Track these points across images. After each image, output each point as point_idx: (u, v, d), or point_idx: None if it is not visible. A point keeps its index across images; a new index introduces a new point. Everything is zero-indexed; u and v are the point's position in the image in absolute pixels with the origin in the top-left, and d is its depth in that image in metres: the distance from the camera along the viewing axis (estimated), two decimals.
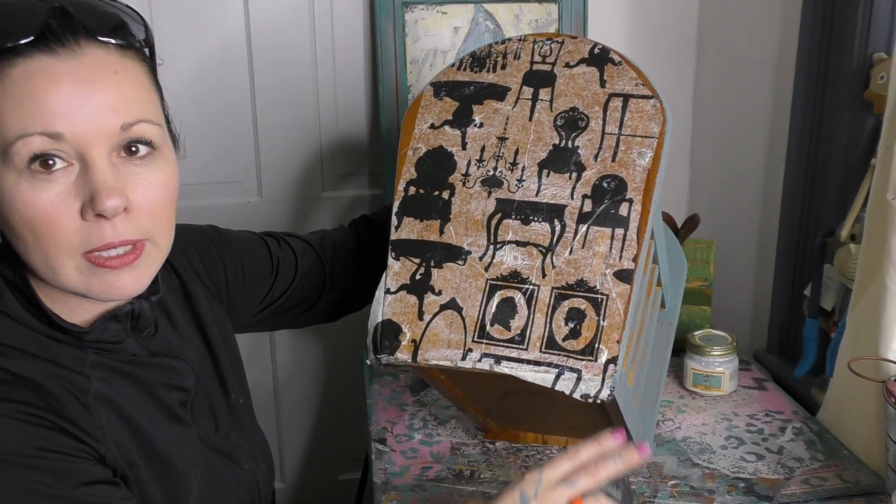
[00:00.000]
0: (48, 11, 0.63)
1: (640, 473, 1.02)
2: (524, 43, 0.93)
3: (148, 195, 0.67)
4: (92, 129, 0.63)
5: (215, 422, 0.83)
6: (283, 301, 1.02)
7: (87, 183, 0.63)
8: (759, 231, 1.46)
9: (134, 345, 0.75)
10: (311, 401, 1.73)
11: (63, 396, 0.67)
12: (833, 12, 1.16)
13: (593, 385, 0.80)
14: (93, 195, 0.63)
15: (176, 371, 0.78)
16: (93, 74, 0.64)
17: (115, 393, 0.71)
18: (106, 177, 0.64)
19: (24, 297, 0.69)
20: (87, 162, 0.64)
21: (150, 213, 0.68)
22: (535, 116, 0.90)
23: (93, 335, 0.71)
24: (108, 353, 0.72)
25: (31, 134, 0.62)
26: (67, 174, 0.64)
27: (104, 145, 0.64)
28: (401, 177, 0.91)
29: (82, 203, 0.64)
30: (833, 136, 1.19)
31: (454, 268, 0.87)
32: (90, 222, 0.64)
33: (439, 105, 0.93)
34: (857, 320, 1.03)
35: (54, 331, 0.69)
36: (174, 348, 0.80)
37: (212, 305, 0.91)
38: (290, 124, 1.55)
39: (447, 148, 0.91)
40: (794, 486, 0.99)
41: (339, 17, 1.52)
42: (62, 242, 0.64)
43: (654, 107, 0.86)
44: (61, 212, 0.63)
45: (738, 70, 1.48)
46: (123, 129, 0.65)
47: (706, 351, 1.20)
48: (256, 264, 0.98)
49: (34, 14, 0.63)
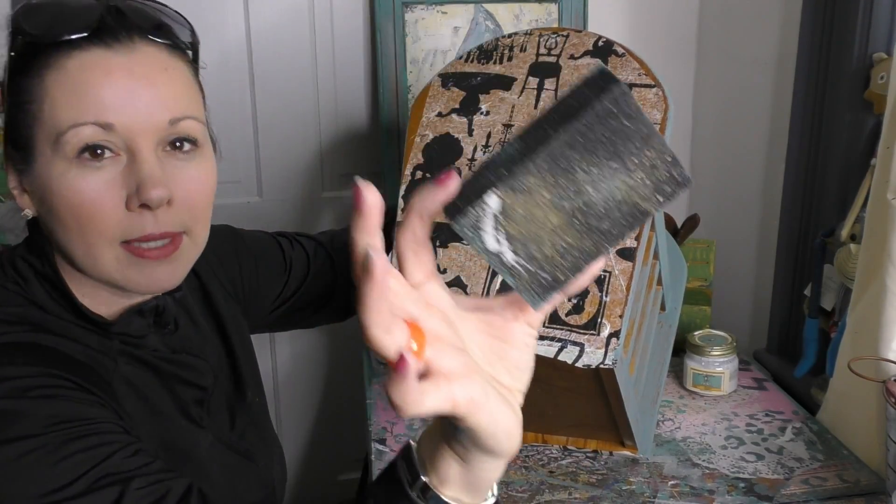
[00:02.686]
0: (103, 9, 0.66)
1: (640, 473, 1.02)
2: (530, 36, 0.95)
3: (189, 189, 0.69)
4: (142, 121, 0.65)
5: (231, 420, 0.83)
6: (296, 301, 1.02)
7: (134, 173, 0.65)
8: (759, 231, 1.45)
9: (156, 340, 0.75)
10: (311, 401, 1.73)
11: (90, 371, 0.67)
12: (833, 12, 1.16)
13: (595, 357, 0.81)
14: (139, 185, 0.65)
15: (195, 369, 0.78)
16: (145, 70, 0.66)
17: (138, 379, 0.72)
18: (153, 168, 0.66)
19: (52, 287, 0.70)
20: (135, 153, 0.65)
21: (191, 208, 0.69)
22: (540, 105, 0.91)
23: (118, 327, 0.71)
24: (131, 347, 0.73)
25: (83, 123, 0.64)
26: (115, 164, 0.65)
27: (152, 138, 0.66)
28: (408, 162, 0.93)
29: (128, 193, 0.65)
30: (833, 136, 1.19)
31: (459, 247, 0.88)
32: (133, 213, 0.66)
33: (447, 95, 0.95)
34: (857, 320, 1.03)
35: (81, 320, 0.70)
36: (194, 346, 0.80)
37: (230, 305, 0.91)
38: (290, 124, 1.55)
39: (454, 134, 0.93)
40: (794, 486, 0.98)
41: (339, 17, 1.52)
42: (105, 231, 0.66)
43: (656, 95, 0.88)
44: (107, 200, 0.65)
45: (738, 70, 1.48)
46: (171, 124, 0.67)
47: (706, 351, 1.20)
48: (270, 264, 0.99)
49: (90, 10, 0.66)
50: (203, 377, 0.79)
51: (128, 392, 0.70)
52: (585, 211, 0.42)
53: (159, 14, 0.71)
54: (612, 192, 0.42)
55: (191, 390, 0.77)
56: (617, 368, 0.82)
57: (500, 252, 0.42)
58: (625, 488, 0.99)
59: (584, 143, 0.41)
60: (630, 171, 0.42)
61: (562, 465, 1.04)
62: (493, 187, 0.41)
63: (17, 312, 0.68)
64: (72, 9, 0.66)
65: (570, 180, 0.41)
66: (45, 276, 0.70)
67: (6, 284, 0.70)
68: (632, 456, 1.05)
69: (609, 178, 0.42)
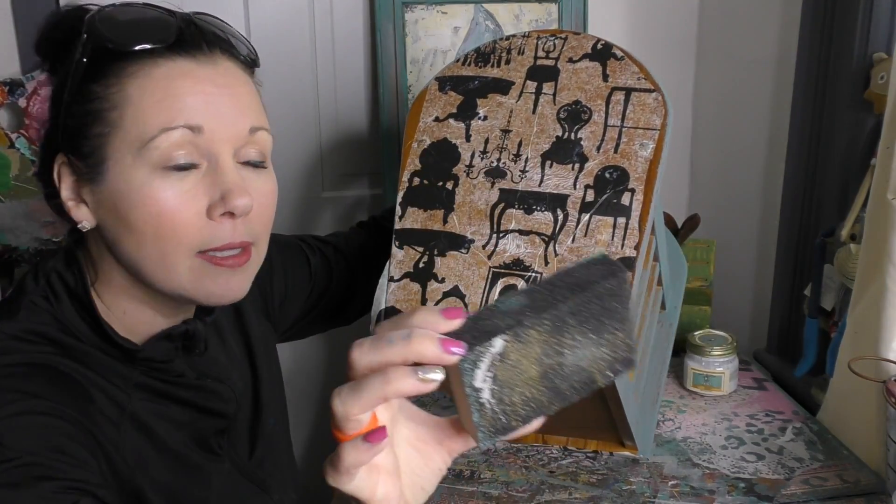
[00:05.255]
0: (181, 21, 0.67)
1: (641, 473, 1.02)
2: (528, 39, 0.94)
3: (262, 201, 0.69)
4: (227, 127, 0.66)
5: (251, 448, 0.82)
6: (317, 311, 1.02)
7: (217, 182, 0.66)
8: (759, 231, 1.45)
9: (182, 364, 0.74)
10: (311, 401, 1.73)
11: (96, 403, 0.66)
12: (833, 12, 1.16)
13: None
14: (225, 193, 0.65)
15: (219, 396, 0.77)
16: (228, 81, 0.68)
17: (150, 415, 0.70)
18: (237, 177, 0.66)
19: (81, 306, 0.69)
20: (217, 161, 0.66)
21: (261, 219, 0.70)
22: (538, 109, 0.90)
23: (144, 353, 0.70)
24: (155, 372, 0.71)
25: (174, 127, 0.64)
26: (196, 173, 0.66)
27: (231, 146, 0.67)
28: (405, 168, 0.92)
29: (210, 202, 0.65)
30: (833, 136, 1.19)
31: (457, 256, 0.87)
32: (214, 221, 0.66)
33: (444, 99, 0.94)
34: (857, 320, 1.03)
35: (105, 343, 0.69)
36: (221, 370, 0.79)
37: (260, 322, 0.90)
38: (290, 124, 1.55)
39: (451, 140, 0.92)
40: (795, 487, 0.98)
41: (339, 17, 1.52)
42: (183, 240, 0.65)
43: (655, 100, 0.87)
44: (189, 208, 0.65)
45: (738, 70, 1.48)
46: (251, 132, 0.68)
47: (706, 351, 1.20)
48: (297, 274, 0.98)
49: (168, 22, 0.67)
50: (227, 404, 0.78)
51: (135, 430, 0.69)
52: (557, 370, 0.47)
53: (230, 31, 0.72)
54: (582, 359, 0.47)
55: (212, 419, 0.76)
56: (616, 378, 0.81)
57: (481, 389, 0.45)
58: (625, 488, 0.98)
59: (583, 313, 0.46)
60: (601, 345, 0.47)
61: (562, 465, 1.04)
62: (502, 333, 0.45)
63: (41, 331, 0.67)
64: (149, 19, 0.67)
65: (560, 342, 0.46)
66: (76, 296, 0.69)
67: (36, 299, 0.69)
68: (632, 456, 1.05)
69: (585, 348, 0.47)
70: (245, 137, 0.68)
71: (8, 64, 1.43)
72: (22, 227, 1.43)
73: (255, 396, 0.85)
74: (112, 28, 0.65)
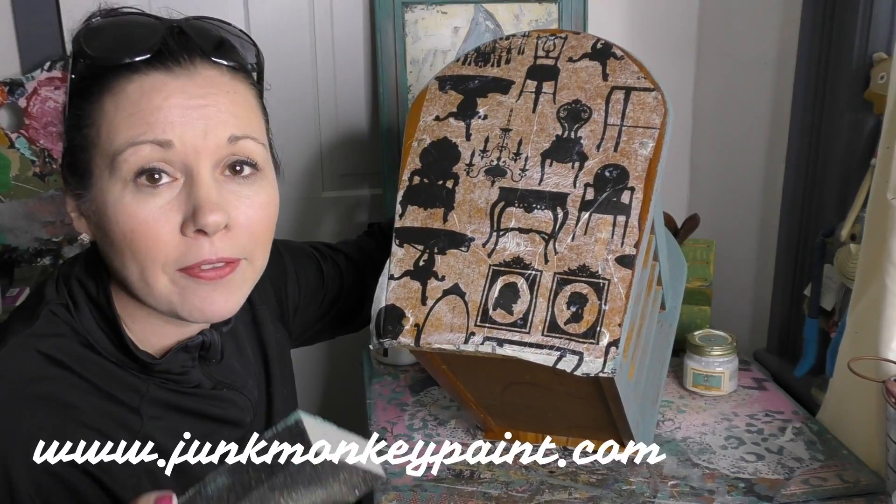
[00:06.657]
0: (166, 31, 0.65)
1: (640, 473, 1.02)
2: (528, 39, 0.94)
3: (249, 214, 0.67)
4: (200, 139, 0.64)
5: None
6: (329, 318, 1.02)
7: (190, 197, 0.63)
8: (759, 231, 1.45)
9: (199, 375, 0.73)
10: (311, 401, 1.73)
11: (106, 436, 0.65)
12: (833, 12, 1.16)
13: (594, 366, 0.80)
14: (195, 210, 0.63)
15: (235, 405, 0.77)
16: (204, 91, 0.65)
17: (162, 435, 0.70)
18: (209, 192, 0.64)
19: (101, 315, 0.68)
20: (192, 176, 0.64)
21: (251, 232, 0.67)
22: (538, 108, 0.91)
23: (162, 365, 0.70)
24: (171, 384, 0.71)
25: (141, 142, 0.62)
26: (172, 188, 0.64)
27: (210, 158, 0.64)
28: (405, 167, 0.92)
29: (184, 218, 0.63)
30: (833, 136, 1.19)
31: (457, 254, 0.88)
32: (189, 238, 0.64)
33: (444, 98, 0.94)
34: (857, 320, 1.03)
35: (122, 355, 0.68)
36: (237, 379, 0.78)
37: (276, 329, 0.90)
38: (290, 124, 1.55)
39: (451, 139, 0.92)
40: (794, 487, 0.98)
41: (339, 18, 1.52)
42: (158, 257, 0.64)
43: (655, 99, 0.87)
44: (162, 225, 0.63)
45: (738, 70, 1.48)
46: (230, 142, 0.65)
47: (706, 351, 1.20)
48: (311, 283, 0.98)
49: (153, 33, 0.65)
50: (242, 413, 0.77)
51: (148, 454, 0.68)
52: None
53: (224, 33, 0.70)
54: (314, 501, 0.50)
55: (227, 430, 0.76)
56: (616, 375, 0.81)
57: None
58: (625, 488, 0.98)
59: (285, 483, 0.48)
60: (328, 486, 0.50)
61: (562, 465, 1.04)
62: None
63: (58, 345, 0.66)
64: (134, 31, 0.65)
65: None
66: (97, 304, 0.69)
67: (55, 307, 0.68)
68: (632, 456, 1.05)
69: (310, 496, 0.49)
70: (224, 147, 0.65)
71: (8, 64, 1.43)
72: (22, 227, 1.42)
73: (269, 403, 0.85)
74: (93, 43, 0.65)
